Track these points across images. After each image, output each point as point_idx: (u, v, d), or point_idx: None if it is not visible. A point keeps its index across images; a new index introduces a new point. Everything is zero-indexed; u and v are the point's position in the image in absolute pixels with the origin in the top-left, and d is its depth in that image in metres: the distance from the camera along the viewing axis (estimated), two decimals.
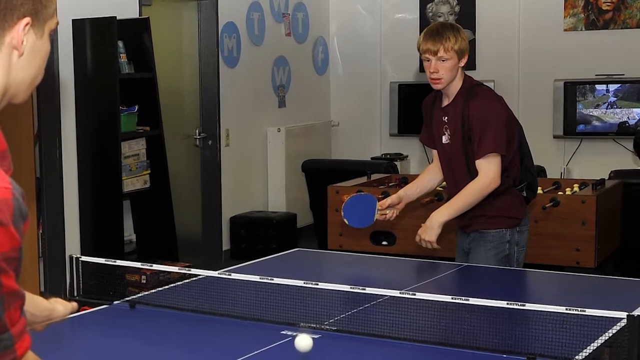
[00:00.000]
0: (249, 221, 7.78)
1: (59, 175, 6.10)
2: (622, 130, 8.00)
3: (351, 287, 3.04)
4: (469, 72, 4.12)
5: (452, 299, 2.85)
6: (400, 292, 2.97)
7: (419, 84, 8.19)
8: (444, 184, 4.24)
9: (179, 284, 3.62)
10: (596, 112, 8.09)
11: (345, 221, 4.17)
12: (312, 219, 7.69)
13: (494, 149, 3.81)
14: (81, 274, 3.37)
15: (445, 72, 3.85)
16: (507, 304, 2.76)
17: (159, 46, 6.69)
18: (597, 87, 8.08)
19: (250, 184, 8.17)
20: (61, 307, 1.89)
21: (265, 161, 8.32)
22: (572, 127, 8.16)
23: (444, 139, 3.98)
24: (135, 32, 6.38)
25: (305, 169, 7.55)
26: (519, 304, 2.77)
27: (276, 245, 7.46)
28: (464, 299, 2.81)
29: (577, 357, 2.55)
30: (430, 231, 3.87)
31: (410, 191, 4.19)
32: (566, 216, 5.03)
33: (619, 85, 8.03)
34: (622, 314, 2.62)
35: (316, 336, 2.65)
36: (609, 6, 8.11)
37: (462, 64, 3.89)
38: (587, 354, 2.57)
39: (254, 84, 8.16)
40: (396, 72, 9.00)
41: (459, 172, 3.94)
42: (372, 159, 8.61)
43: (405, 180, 5.75)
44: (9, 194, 1.34)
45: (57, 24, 1.57)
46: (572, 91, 8.10)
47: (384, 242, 5.42)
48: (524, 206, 4.05)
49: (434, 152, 4.15)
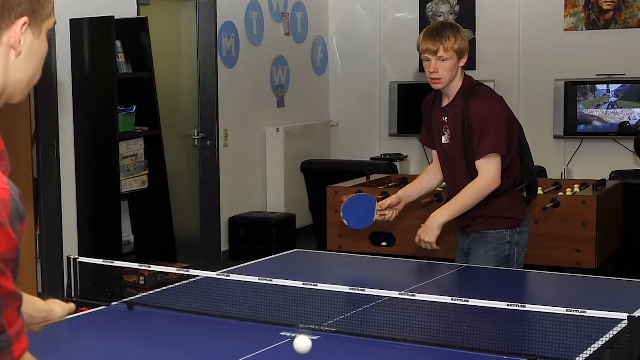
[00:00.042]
0: (247, 222, 7.77)
1: (57, 175, 6.09)
2: (623, 130, 7.99)
3: (350, 288, 3.03)
4: (469, 72, 4.11)
5: (452, 300, 2.84)
6: (399, 294, 2.96)
7: (419, 84, 8.18)
8: (444, 184, 4.23)
9: (177, 285, 3.61)
10: (597, 113, 8.08)
11: (344, 222, 4.16)
12: (311, 219, 7.69)
13: (494, 149, 3.80)
14: (79, 275, 3.37)
15: (445, 72, 3.84)
16: (508, 305, 2.76)
17: (157, 46, 6.67)
18: (598, 87, 8.07)
19: (249, 184, 8.15)
20: (59, 308, 1.89)
21: (264, 162, 8.30)
22: (573, 128, 8.15)
23: (444, 139, 3.97)
24: (133, 32, 6.37)
25: (304, 169, 7.54)
26: (519, 305, 2.76)
27: (275, 246, 7.45)
28: (464, 300, 2.80)
29: (577, 358, 2.55)
30: (430, 232, 3.86)
31: (410, 192, 4.18)
32: (567, 217, 5.02)
33: (620, 85, 8.02)
34: (623, 315, 2.61)
35: (315, 337, 2.65)
36: (609, 6, 8.10)
37: (462, 64, 3.88)
38: (587, 355, 2.57)
39: (252, 84, 8.15)
40: (396, 72, 8.99)
41: (459, 173, 3.93)
42: (372, 159, 8.60)
43: (404, 180, 5.74)
44: (7, 195, 1.34)
45: (55, 23, 1.57)
46: (573, 91, 8.09)
47: (384, 243, 5.41)
48: (524, 207, 4.04)
49: (434, 152, 4.14)
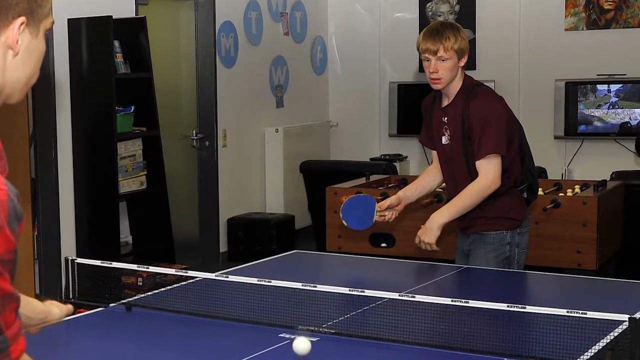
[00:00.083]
0: (246, 223, 7.76)
1: (55, 176, 6.08)
2: (623, 130, 7.98)
3: (350, 290, 3.02)
4: (469, 72, 4.10)
5: (452, 301, 2.83)
6: (399, 295, 2.95)
7: (419, 84, 8.17)
8: (444, 185, 4.22)
9: (175, 286, 3.60)
10: (597, 113, 8.07)
11: (344, 223, 4.15)
12: (310, 220, 7.68)
13: (494, 150, 3.79)
14: (77, 276, 3.36)
15: (445, 72, 3.83)
16: (508, 307, 2.75)
17: (156, 46, 6.66)
18: (599, 87, 8.06)
19: (247, 185, 8.14)
20: (56, 309, 1.89)
21: (263, 162, 8.29)
22: (574, 128, 8.14)
23: (444, 140, 3.96)
24: (131, 32, 6.36)
25: (303, 169, 7.53)
26: (520, 306, 2.75)
27: (274, 247, 7.44)
28: (464, 301, 2.79)
29: None
30: (429, 233, 3.85)
31: (409, 192, 4.16)
32: (567, 217, 5.01)
33: (621, 85, 8.01)
34: (624, 317, 2.61)
35: (314, 339, 2.65)
36: (610, 5, 8.09)
37: (462, 63, 3.87)
38: (588, 357, 2.56)
39: (251, 84, 8.14)
40: (395, 72, 8.98)
41: (459, 173, 3.92)
42: (371, 159, 8.59)
43: (404, 181, 5.73)
44: (4, 195, 1.34)
45: (53, 23, 1.57)
46: (574, 91, 8.08)
47: (383, 244, 5.40)
48: (525, 207, 4.03)
49: (434, 153, 4.13)
